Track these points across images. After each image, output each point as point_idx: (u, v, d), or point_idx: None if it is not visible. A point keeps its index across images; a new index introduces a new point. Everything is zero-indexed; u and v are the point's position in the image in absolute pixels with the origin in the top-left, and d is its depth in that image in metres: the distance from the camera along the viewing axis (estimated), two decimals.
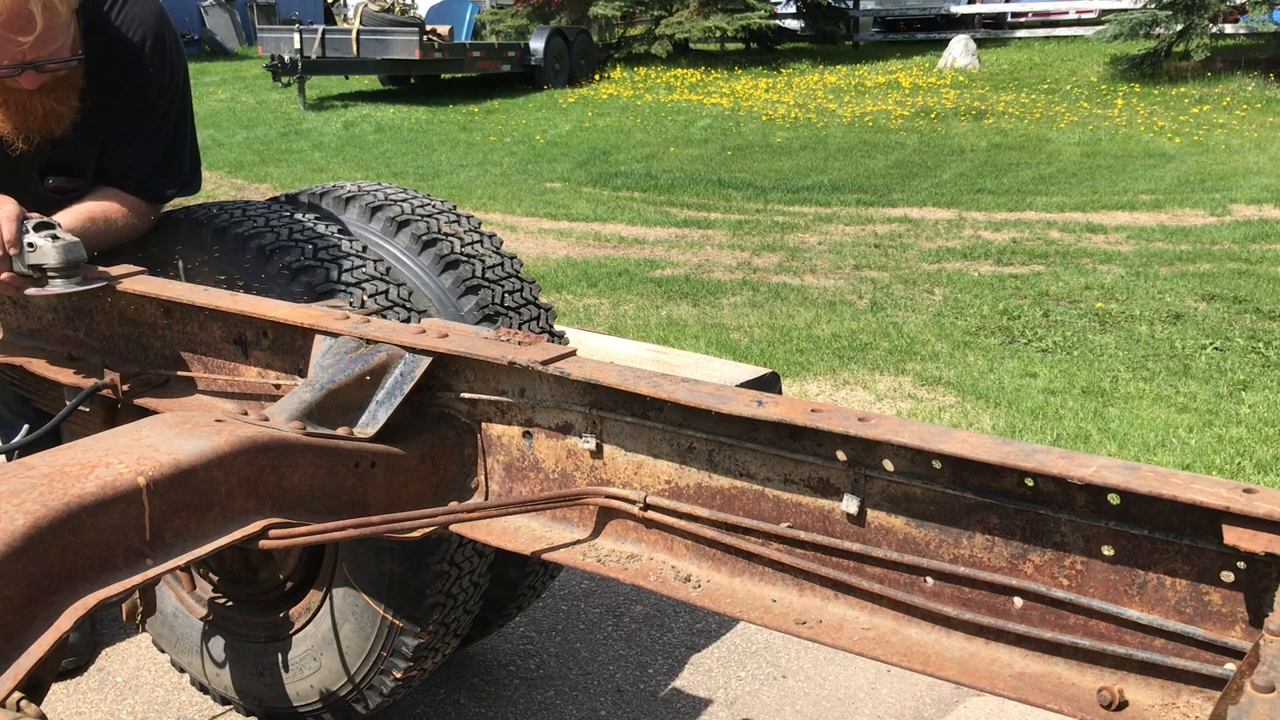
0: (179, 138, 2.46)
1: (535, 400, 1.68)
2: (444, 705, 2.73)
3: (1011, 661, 1.33)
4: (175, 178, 2.45)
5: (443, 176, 11.26)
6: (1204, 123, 13.14)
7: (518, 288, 2.35)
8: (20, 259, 2.02)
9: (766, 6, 20.17)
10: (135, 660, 2.91)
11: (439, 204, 2.43)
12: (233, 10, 24.52)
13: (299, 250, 2.16)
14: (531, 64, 17.78)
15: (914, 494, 1.38)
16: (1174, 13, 15.45)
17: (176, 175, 2.46)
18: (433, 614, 2.17)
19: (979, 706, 2.72)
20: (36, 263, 2.00)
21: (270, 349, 1.95)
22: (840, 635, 1.42)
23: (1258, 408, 4.67)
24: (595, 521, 1.66)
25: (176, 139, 2.45)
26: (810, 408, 1.41)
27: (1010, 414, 4.64)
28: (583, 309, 6.40)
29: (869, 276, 7.15)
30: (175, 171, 2.45)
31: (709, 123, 14.61)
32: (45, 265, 1.99)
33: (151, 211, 2.41)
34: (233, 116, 15.33)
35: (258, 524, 1.53)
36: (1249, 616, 1.19)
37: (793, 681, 2.84)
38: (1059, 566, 1.29)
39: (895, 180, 10.73)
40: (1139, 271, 7.08)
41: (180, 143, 2.47)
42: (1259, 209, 8.93)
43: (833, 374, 5.19)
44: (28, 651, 1.25)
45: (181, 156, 2.47)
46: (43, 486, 1.34)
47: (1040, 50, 19.55)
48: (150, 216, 2.41)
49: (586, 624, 3.11)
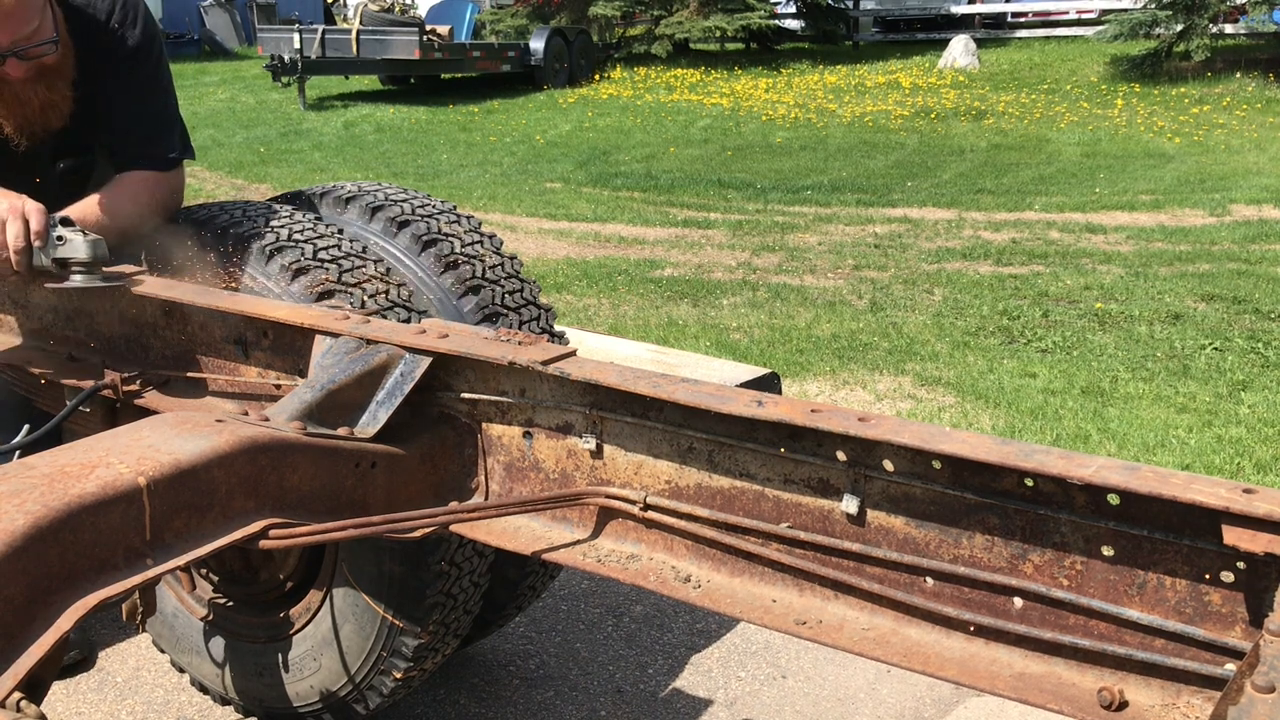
0: (171, 101, 2.49)
1: (535, 400, 1.68)
2: (444, 705, 2.73)
3: (1011, 662, 1.33)
4: (178, 139, 2.49)
5: (443, 176, 11.26)
6: (1204, 123, 13.14)
7: (518, 288, 2.35)
8: (45, 251, 2.02)
9: (766, 6, 20.17)
10: (135, 660, 2.91)
11: (439, 204, 2.43)
12: (233, 10, 24.53)
13: (299, 250, 2.16)
14: (531, 64, 17.79)
15: (914, 494, 1.38)
16: (1174, 13, 15.45)
17: (179, 137, 2.49)
18: (433, 614, 2.17)
19: (979, 706, 2.72)
20: (65, 256, 2.01)
21: (270, 349, 1.95)
22: (840, 635, 1.42)
23: (1257, 408, 4.67)
24: (595, 522, 1.66)
25: (170, 102, 2.48)
26: (810, 408, 1.41)
27: (1010, 414, 4.64)
28: (583, 309, 6.40)
29: (869, 277, 7.15)
30: (177, 133, 2.49)
31: (709, 123, 14.61)
32: (74, 259, 2.00)
33: (170, 181, 2.43)
34: (233, 116, 15.33)
35: (258, 524, 1.53)
36: (1249, 616, 1.19)
37: (793, 681, 2.84)
38: (1059, 567, 1.30)
39: (895, 180, 10.73)
40: (1138, 272, 7.08)
41: (173, 105, 2.50)
42: (1259, 209, 8.93)
43: (832, 374, 5.19)
44: (28, 651, 1.25)
45: (176, 117, 2.51)
46: (43, 486, 1.34)
47: (1040, 50, 19.55)
48: (169, 187, 2.43)
49: (586, 624, 3.11)
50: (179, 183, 2.47)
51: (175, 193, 2.45)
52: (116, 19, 2.35)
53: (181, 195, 2.49)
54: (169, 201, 2.41)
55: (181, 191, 2.49)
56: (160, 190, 2.40)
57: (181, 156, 2.48)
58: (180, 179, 2.48)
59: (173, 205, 2.43)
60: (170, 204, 2.42)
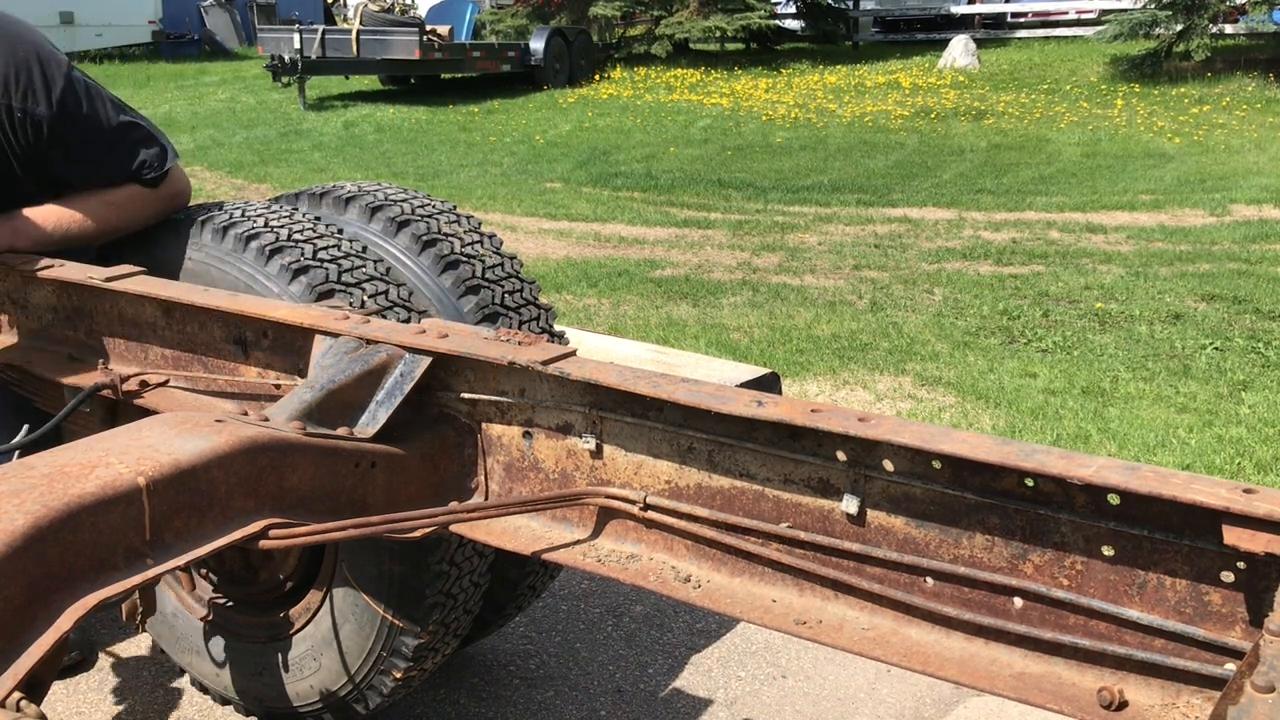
0: (121, 130, 2.38)
1: (535, 400, 1.68)
2: (444, 705, 2.73)
3: (1011, 661, 1.33)
4: (151, 155, 2.39)
5: (443, 176, 11.26)
6: (1204, 123, 13.14)
7: (518, 288, 2.34)
8: None
9: (766, 6, 20.17)
10: (135, 660, 2.91)
11: (439, 204, 2.43)
12: (233, 10, 24.54)
13: (299, 250, 2.16)
14: (531, 64, 17.79)
15: (914, 494, 1.38)
16: (1174, 13, 15.45)
17: (151, 152, 2.39)
18: (433, 614, 2.17)
19: (979, 706, 2.72)
20: None
21: (270, 349, 1.95)
22: (840, 635, 1.42)
23: (1258, 408, 4.67)
24: (595, 521, 1.66)
25: (120, 135, 2.37)
26: (810, 408, 1.41)
27: (1010, 414, 4.64)
28: (583, 309, 6.40)
29: (869, 276, 7.15)
30: (142, 153, 2.38)
31: (709, 123, 14.61)
32: None
33: (157, 194, 2.38)
34: (233, 116, 15.33)
35: (258, 524, 1.53)
36: (1249, 616, 1.19)
37: (793, 681, 2.84)
38: (1059, 567, 1.29)
39: (895, 180, 10.73)
40: (1139, 271, 7.08)
41: (121, 129, 2.38)
42: (1259, 209, 8.93)
43: (833, 374, 5.19)
44: (28, 651, 1.25)
45: (134, 139, 2.39)
46: (43, 486, 1.34)
47: (1040, 50, 19.55)
48: (154, 197, 2.38)
49: (586, 624, 3.11)
50: (171, 191, 2.40)
51: (166, 200, 2.38)
52: (17, 101, 2.23)
53: (182, 198, 2.43)
54: (156, 209, 2.36)
55: (181, 195, 2.42)
56: (138, 202, 2.34)
57: (160, 170, 2.38)
58: (172, 188, 2.40)
59: (166, 211, 2.38)
60: (164, 210, 2.37)
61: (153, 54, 22.60)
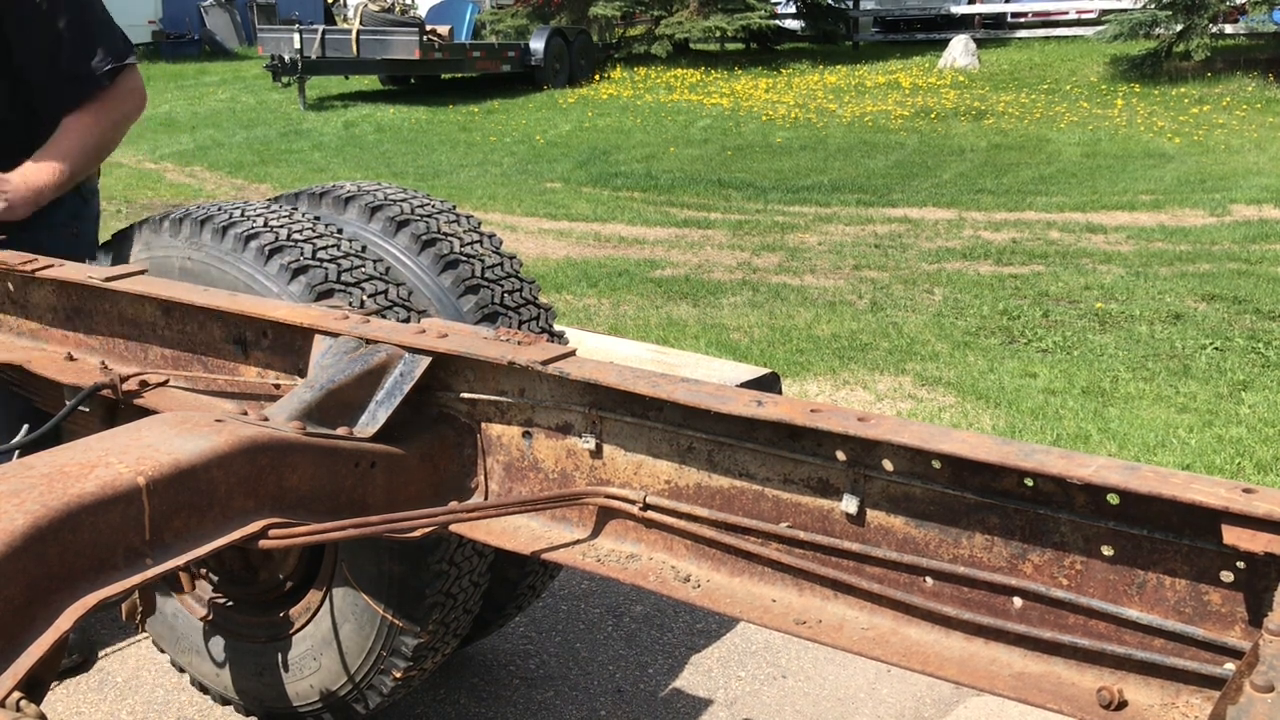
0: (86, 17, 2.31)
1: (535, 400, 1.68)
2: (444, 705, 2.73)
3: (1011, 661, 1.33)
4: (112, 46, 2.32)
5: (443, 176, 11.26)
6: (1204, 123, 13.14)
7: (517, 287, 2.35)
8: None
9: (766, 6, 20.17)
10: (135, 660, 2.91)
11: (438, 204, 2.43)
12: (233, 10, 24.54)
13: (298, 250, 2.16)
14: (531, 64, 17.79)
15: (914, 494, 1.38)
16: (1174, 13, 15.45)
17: (112, 42, 2.32)
18: (432, 614, 2.17)
19: (979, 706, 2.72)
20: None
21: (270, 349, 1.95)
22: (840, 635, 1.42)
23: (1258, 408, 4.67)
24: (595, 521, 1.66)
25: (84, 19, 2.31)
26: (810, 408, 1.41)
27: (1010, 414, 4.64)
28: (583, 309, 6.40)
29: (869, 276, 7.15)
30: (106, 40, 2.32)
31: (709, 123, 14.61)
32: None
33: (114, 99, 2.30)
34: (233, 116, 15.34)
35: (258, 524, 1.52)
36: (1248, 616, 1.19)
37: (793, 681, 2.84)
38: (1058, 566, 1.29)
39: (895, 180, 10.73)
40: (1139, 271, 7.08)
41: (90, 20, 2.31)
42: (1259, 209, 8.93)
43: (833, 374, 5.19)
44: (27, 651, 1.24)
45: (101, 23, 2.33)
46: (43, 486, 1.34)
47: (1040, 50, 19.55)
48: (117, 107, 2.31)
49: (586, 624, 3.10)
50: (127, 89, 2.30)
51: (127, 104, 2.29)
52: None
53: (137, 100, 2.32)
54: (121, 121, 2.29)
55: (135, 97, 2.31)
56: (105, 118, 2.26)
57: (119, 65, 2.28)
58: (127, 85, 2.30)
59: (130, 118, 2.29)
60: (124, 120, 2.29)
61: (153, 54, 22.60)
